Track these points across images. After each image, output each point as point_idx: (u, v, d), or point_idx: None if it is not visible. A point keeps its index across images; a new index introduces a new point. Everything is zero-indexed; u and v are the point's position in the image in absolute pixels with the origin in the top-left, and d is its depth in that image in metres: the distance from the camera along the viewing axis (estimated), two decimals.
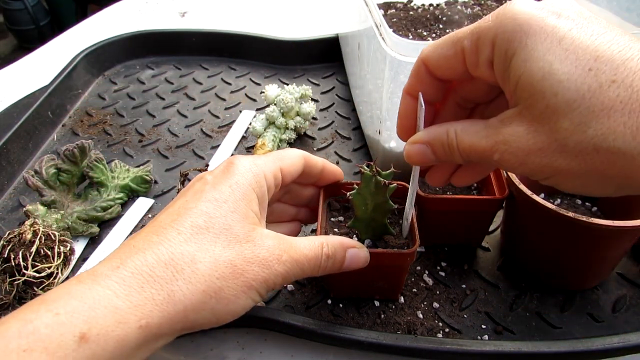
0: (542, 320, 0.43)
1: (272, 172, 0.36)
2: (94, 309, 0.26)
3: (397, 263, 0.40)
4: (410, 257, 0.39)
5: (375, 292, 0.44)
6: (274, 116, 0.61)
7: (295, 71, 0.81)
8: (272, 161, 0.37)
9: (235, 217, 0.32)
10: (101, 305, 0.26)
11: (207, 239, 0.31)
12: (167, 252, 0.29)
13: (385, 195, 0.38)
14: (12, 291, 0.42)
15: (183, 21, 0.98)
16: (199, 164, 0.62)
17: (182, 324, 0.29)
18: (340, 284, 0.44)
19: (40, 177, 0.51)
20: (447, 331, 0.42)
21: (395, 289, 0.44)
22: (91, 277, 0.28)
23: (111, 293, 0.27)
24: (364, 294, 0.45)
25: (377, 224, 0.40)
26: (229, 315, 0.31)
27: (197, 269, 0.29)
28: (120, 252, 0.30)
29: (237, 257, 0.31)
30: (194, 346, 0.43)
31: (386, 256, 0.39)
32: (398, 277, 0.43)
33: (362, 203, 0.39)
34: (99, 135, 0.67)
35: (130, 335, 0.27)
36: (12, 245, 0.43)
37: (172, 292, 0.28)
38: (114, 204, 0.54)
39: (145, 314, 0.27)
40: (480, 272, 0.48)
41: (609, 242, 0.41)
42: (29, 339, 0.24)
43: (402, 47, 0.45)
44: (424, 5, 0.79)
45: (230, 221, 0.32)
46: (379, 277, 0.42)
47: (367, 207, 0.39)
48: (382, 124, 0.51)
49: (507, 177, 0.43)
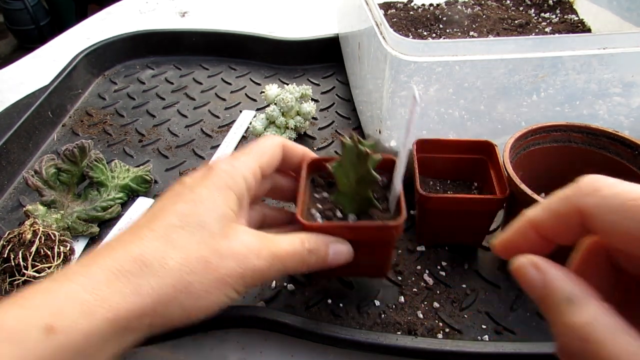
0: (543, 320, 0.43)
1: (251, 171, 0.35)
2: (61, 302, 0.26)
3: (382, 237, 0.38)
4: (396, 230, 0.36)
5: (362, 270, 0.42)
6: (274, 116, 0.61)
7: (295, 71, 0.81)
8: (251, 160, 0.36)
9: (211, 215, 0.32)
10: (69, 298, 0.26)
11: (181, 236, 0.30)
12: (138, 249, 0.29)
13: (368, 165, 0.35)
14: (12, 291, 0.42)
15: (183, 21, 0.98)
16: (199, 163, 0.62)
17: (150, 318, 0.29)
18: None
19: (40, 177, 0.51)
20: (447, 331, 0.42)
21: (383, 266, 0.41)
22: (63, 274, 0.28)
23: (79, 287, 0.27)
24: (351, 273, 0.42)
25: (362, 198, 0.38)
26: (200, 312, 0.30)
27: (167, 264, 0.29)
28: (94, 252, 0.30)
29: (211, 253, 0.30)
30: (194, 346, 0.43)
31: (370, 230, 0.37)
32: (384, 253, 0.40)
33: (345, 175, 0.37)
34: (99, 135, 0.67)
35: (97, 328, 0.26)
36: (12, 245, 0.43)
37: (140, 285, 0.28)
38: (114, 203, 0.54)
39: (112, 306, 0.27)
40: (481, 272, 0.47)
41: None
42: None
43: (403, 46, 0.45)
44: (424, 5, 0.79)
45: (206, 219, 0.31)
46: (364, 253, 0.38)
47: (349, 180, 0.37)
48: (382, 124, 0.51)
49: (508, 176, 0.43)
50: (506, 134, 0.47)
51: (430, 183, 0.52)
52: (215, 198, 0.32)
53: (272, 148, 0.38)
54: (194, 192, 0.33)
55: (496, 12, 0.75)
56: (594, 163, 0.47)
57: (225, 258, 0.31)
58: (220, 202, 0.32)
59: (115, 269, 0.28)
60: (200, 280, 0.30)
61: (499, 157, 0.47)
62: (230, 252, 0.31)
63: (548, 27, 0.71)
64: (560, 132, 0.48)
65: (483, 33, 0.69)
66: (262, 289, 0.46)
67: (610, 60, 0.46)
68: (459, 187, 0.52)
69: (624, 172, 0.45)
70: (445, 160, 0.51)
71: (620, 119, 0.51)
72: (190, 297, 0.29)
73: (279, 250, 0.33)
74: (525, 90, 0.48)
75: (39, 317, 0.25)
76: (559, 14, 0.76)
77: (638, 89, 0.49)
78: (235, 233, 0.32)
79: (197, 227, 0.31)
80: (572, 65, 0.47)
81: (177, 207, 0.32)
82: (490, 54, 0.46)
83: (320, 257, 0.35)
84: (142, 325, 0.29)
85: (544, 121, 0.47)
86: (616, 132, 0.46)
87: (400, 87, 0.47)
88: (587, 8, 0.75)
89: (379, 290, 0.46)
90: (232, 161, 0.35)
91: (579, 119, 0.48)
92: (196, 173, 0.35)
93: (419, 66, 0.45)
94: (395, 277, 0.47)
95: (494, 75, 0.47)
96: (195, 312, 0.30)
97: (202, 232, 0.31)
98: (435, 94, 0.48)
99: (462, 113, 0.50)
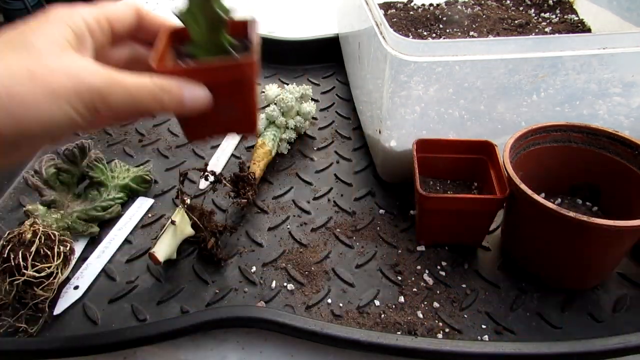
0: (543, 320, 0.43)
1: (93, 15, 0.34)
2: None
3: (235, 77, 0.36)
4: (248, 67, 0.35)
5: (230, 125, 0.40)
6: (274, 115, 0.61)
7: (295, 71, 0.81)
8: (94, 8, 0.35)
9: (41, 39, 0.30)
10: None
11: (4, 54, 0.29)
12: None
13: (212, 7, 0.34)
14: (12, 291, 0.42)
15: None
16: (198, 163, 0.62)
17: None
18: (194, 122, 0.39)
19: (40, 177, 0.51)
20: (447, 331, 0.42)
21: (248, 116, 0.39)
22: None
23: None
24: (220, 129, 0.41)
25: (217, 47, 0.36)
26: (33, 123, 0.29)
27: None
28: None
29: (38, 65, 0.29)
30: (194, 346, 0.43)
31: (220, 69, 0.35)
32: (245, 99, 0.38)
33: (194, 21, 0.36)
34: (99, 135, 0.67)
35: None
36: (12, 245, 0.43)
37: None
38: (114, 203, 0.54)
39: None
40: (481, 271, 0.47)
41: (609, 242, 0.41)
42: None
43: (403, 46, 0.45)
44: (424, 5, 0.79)
45: (34, 41, 0.30)
46: (224, 99, 0.37)
47: (200, 26, 0.36)
48: (382, 123, 0.51)
49: (508, 176, 0.43)
50: (506, 134, 0.47)
51: (430, 183, 0.52)
52: (46, 27, 0.31)
53: (124, 7, 0.37)
54: (24, 25, 0.31)
55: (496, 12, 0.75)
56: (594, 163, 0.48)
57: (55, 71, 0.29)
58: (53, 31, 0.31)
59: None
60: (27, 91, 0.28)
61: (499, 157, 0.47)
62: (61, 66, 0.30)
63: (548, 27, 0.71)
64: (560, 132, 0.48)
65: (483, 33, 0.69)
66: (262, 289, 0.46)
67: (610, 60, 0.46)
68: (459, 187, 0.52)
69: (624, 172, 0.45)
70: (445, 160, 0.51)
71: (620, 119, 0.51)
72: (20, 105, 0.28)
73: (123, 78, 0.32)
74: (525, 90, 0.48)
75: None
76: (559, 14, 0.76)
77: (638, 89, 0.49)
78: (69, 55, 0.31)
79: (24, 46, 0.30)
80: (572, 65, 0.47)
81: (2, 37, 0.30)
82: (490, 54, 0.46)
83: (175, 97, 0.34)
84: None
85: (544, 121, 0.47)
86: (616, 132, 0.46)
87: (400, 87, 0.47)
88: (587, 8, 0.75)
89: (379, 290, 0.46)
90: (70, 6, 0.34)
91: (579, 119, 0.48)
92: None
93: (419, 66, 0.45)
94: (395, 277, 0.47)
95: (494, 75, 0.47)
96: (27, 122, 0.29)
97: (29, 50, 0.30)
98: (435, 94, 0.48)
99: (462, 113, 0.50)
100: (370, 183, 0.58)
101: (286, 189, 0.58)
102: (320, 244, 0.51)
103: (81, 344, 0.39)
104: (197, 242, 0.49)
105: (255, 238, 0.51)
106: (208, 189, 0.54)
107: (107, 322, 0.44)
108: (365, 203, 0.56)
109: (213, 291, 0.46)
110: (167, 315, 0.44)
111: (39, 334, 0.42)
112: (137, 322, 0.43)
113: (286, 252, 0.50)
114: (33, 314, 0.43)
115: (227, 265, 0.49)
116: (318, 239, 0.51)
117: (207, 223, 0.49)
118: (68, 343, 0.40)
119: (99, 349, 0.40)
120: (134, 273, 0.48)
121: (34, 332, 0.42)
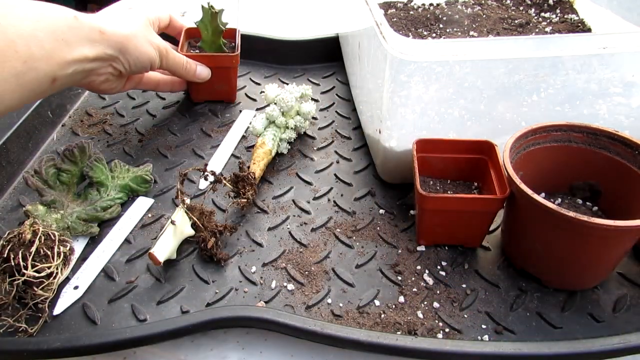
0: (543, 320, 0.43)
1: (153, 14, 0.62)
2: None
3: (223, 63, 0.68)
4: (234, 59, 0.68)
5: (218, 94, 0.72)
6: (274, 115, 0.61)
7: (295, 71, 0.81)
8: (150, 11, 0.61)
9: (138, 15, 0.57)
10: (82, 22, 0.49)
11: (127, 18, 0.55)
12: (97, 17, 0.53)
13: (217, 21, 0.66)
14: (12, 291, 0.42)
15: (183, 21, 0.97)
16: (198, 163, 0.62)
17: (119, 45, 0.52)
18: (197, 87, 0.70)
19: (40, 177, 0.51)
20: (447, 331, 0.42)
21: (230, 91, 0.72)
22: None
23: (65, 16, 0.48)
24: (213, 95, 0.72)
25: (216, 45, 0.69)
26: (145, 55, 0.56)
27: (120, 24, 0.53)
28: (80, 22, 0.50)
29: (141, 29, 0.56)
30: (194, 346, 0.43)
31: (215, 58, 0.68)
32: (229, 78, 0.70)
33: (205, 28, 0.68)
34: (99, 135, 0.67)
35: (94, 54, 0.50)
36: (11, 245, 0.43)
37: (104, 26, 0.51)
38: (114, 203, 0.54)
39: (88, 36, 0.49)
40: (481, 271, 0.47)
41: (609, 242, 0.41)
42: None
43: (403, 46, 0.45)
44: (424, 5, 0.79)
45: (137, 16, 0.57)
46: (218, 77, 0.69)
47: (208, 31, 0.68)
48: (382, 123, 0.51)
49: (508, 176, 0.43)
50: (506, 134, 0.47)
51: (430, 183, 0.52)
52: (136, 14, 0.57)
53: (164, 14, 0.66)
54: (119, 9, 0.57)
55: (496, 12, 0.75)
56: (594, 163, 0.48)
57: (148, 35, 0.57)
58: (141, 14, 0.58)
59: (88, 21, 0.49)
60: (140, 36, 0.55)
61: (499, 157, 0.47)
62: (151, 34, 0.58)
63: (548, 27, 0.71)
64: (561, 132, 0.48)
65: (483, 33, 0.69)
66: (262, 289, 0.46)
67: (610, 60, 0.46)
68: (459, 187, 0.52)
69: (624, 172, 0.45)
70: (445, 160, 0.51)
71: (621, 118, 0.51)
72: (138, 41, 0.55)
73: (174, 52, 0.63)
74: (525, 90, 0.48)
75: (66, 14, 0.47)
76: (559, 14, 0.76)
77: (638, 88, 0.49)
78: (150, 29, 0.59)
79: (136, 16, 0.57)
80: (572, 65, 0.47)
81: (113, 11, 0.57)
82: (490, 54, 0.46)
83: (191, 69, 0.65)
84: (111, 48, 0.51)
85: (544, 121, 0.47)
86: (616, 132, 0.46)
87: (400, 87, 0.47)
88: (587, 8, 0.75)
89: (379, 290, 0.46)
90: (138, 6, 0.60)
91: (579, 119, 0.48)
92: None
93: (419, 66, 0.45)
94: (395, 277, 0.47)
95: (494, 75, 0.47)
96: (143, 53, 0.56)
97: (133, 20, 0.56)
98: (435, 93, 0.48)
99: (462, 113, 0.50)
100: (370, 183, 0.58)
101: (286, 188, 0.58)
102: (320, 244, 0.51)
103: (81, 344, 0.39)
104: (197, 242, 0.49)
105: (255, 238, 0.51)
106: (208, 189, 0.54)
107: (106, 322, 0.44)
108: (365, 203, 0.56)
109: (213, 291, 0.46)
110: (167, 315, 0.44)
111: (38, 334, 0.42)
112: (136, 322, 0.43)
113: (286, 252, 0.50)
114: (33, 314, 0.43)
115: (227, 265, 0.49)
116: (318, 239, 0.51)
117: (207, 223, 0.49)
118: (68, 343, 0.40)
119: (98, 349, 0.40)
120: (134, 273, 0.48)
121: (34, 332, 0.42)
